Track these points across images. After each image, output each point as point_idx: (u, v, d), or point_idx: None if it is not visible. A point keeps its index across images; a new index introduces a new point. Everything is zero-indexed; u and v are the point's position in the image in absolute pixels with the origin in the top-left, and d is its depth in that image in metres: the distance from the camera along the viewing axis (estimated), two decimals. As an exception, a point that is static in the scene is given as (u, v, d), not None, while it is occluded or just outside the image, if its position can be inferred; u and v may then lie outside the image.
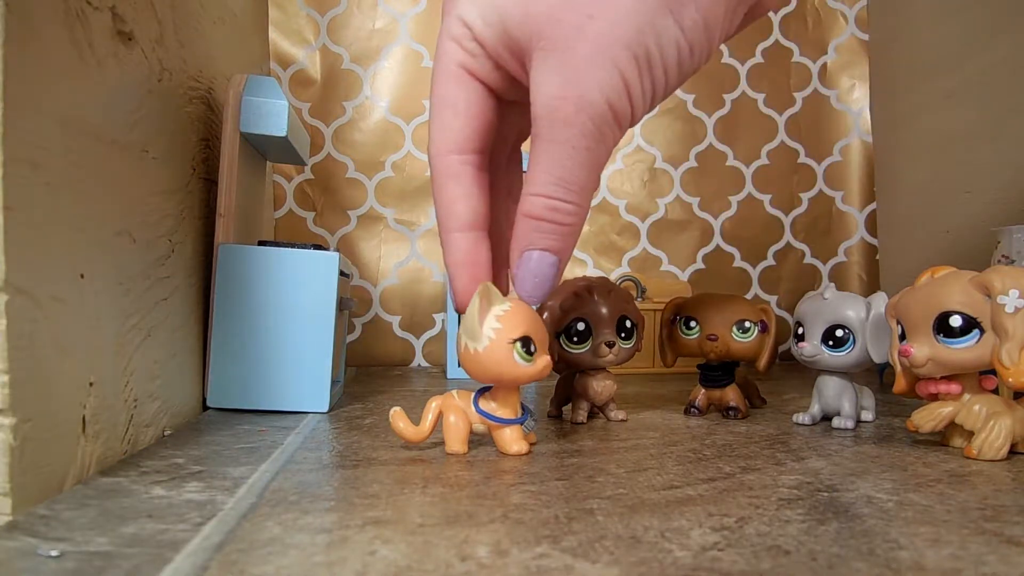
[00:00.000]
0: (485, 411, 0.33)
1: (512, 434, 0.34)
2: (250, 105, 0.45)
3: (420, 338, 0.79)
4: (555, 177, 0.27)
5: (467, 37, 0.28)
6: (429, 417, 0.33)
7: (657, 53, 0.26)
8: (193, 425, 0.40)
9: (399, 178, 0.79)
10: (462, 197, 0.30)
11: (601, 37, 0.25)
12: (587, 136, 0.26)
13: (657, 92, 0.27)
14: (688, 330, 0.45)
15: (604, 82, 0.26)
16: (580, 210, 0.29)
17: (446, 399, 0.34)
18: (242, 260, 0.44)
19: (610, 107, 0.26)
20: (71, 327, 0.27)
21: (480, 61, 0.28)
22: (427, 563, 0.20)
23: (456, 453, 0.33)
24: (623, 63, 0.25)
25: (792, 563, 0.20)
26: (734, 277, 0.84)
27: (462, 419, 0.33)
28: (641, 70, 0.26)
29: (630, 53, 0.25)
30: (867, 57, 0.86)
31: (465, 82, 0.29)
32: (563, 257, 0.30)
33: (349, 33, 0.78)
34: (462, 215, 0.30)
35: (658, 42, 0.25)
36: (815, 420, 0.43)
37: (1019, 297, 0.31)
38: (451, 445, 0.33)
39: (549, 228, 0.28)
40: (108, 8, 0.31)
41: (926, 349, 0.34)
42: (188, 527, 0.23)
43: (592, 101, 0.26)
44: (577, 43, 0.25)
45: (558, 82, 0.26)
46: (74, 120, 0.28)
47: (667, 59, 0.26)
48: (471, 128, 0.29)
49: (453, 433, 0.33)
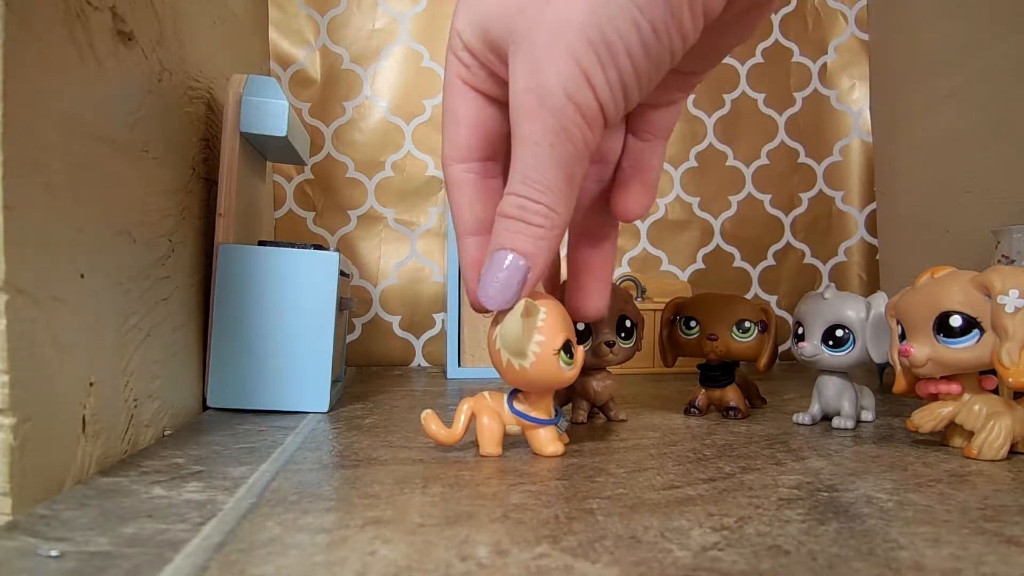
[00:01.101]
0: (521, 412, 0.33)
1: (548, 434, 0.33)
2: (250, 105, 0.45)
3: (420, 338, 0.79)
4: (522, 175, 0.27)
5: (461, 47, 0.28)
6: (462, 419, 0.33)
7: (616, 37, 0.23)
8: (193, 425, 0.40)
9: (399, 178, 0.79)
10: (466, 204, 0.30)
11: (556, 24, 0.24)
12: (549, 132, 0.25)
13: (627, 82, 0.25)
14: (688, 330, 0.45)
15: (562, 73, 0.24)
16: (551, 212, 0.27)
17: (478, 400, 0.34)
18: (242, 260, 0.44)
19: (570, 100, 0.24)
20: (71, 327, 0.27)
21: (474, 71, 0.28)
22: (427, 563, 0.20)
23: (491, 456, 0.33)
24: (579, 51, 0.24)
25: (792, 563, 0.20)
26: (734, 277, 0.84)
27: (496, 420, 0.33)
28: (601, 58, 0.24)
29: (586, 39, 0.24)
30: (867, 57, 0.86)
31: (463, 93, 0.29)
32: (534, 263, 0.28)
33: (349, 33, 0.79)
34: (467, 221, 0.31)
35: (614, 24, 0.23)
36: (815, 420, 0.43)
37: (1019, 297, 0.31)
38: (486, 447, 0.33)
39: (517, 227, 0.28)
40: (108, 8, 0.31)
41: (926, 349, 0.34)
42: (188, 527, 0.23)
43: (551, 93, 0.24)
44: (537, 33, 0.24)
45: (523, 76, 0.25)
46: (74, 120, 0.28)
47: (629, 43, 0.24)
48: (473, 138, 0.29)
49: (488, 435, 0.33)
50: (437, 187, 0.79)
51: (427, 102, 0.79)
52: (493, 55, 0.27)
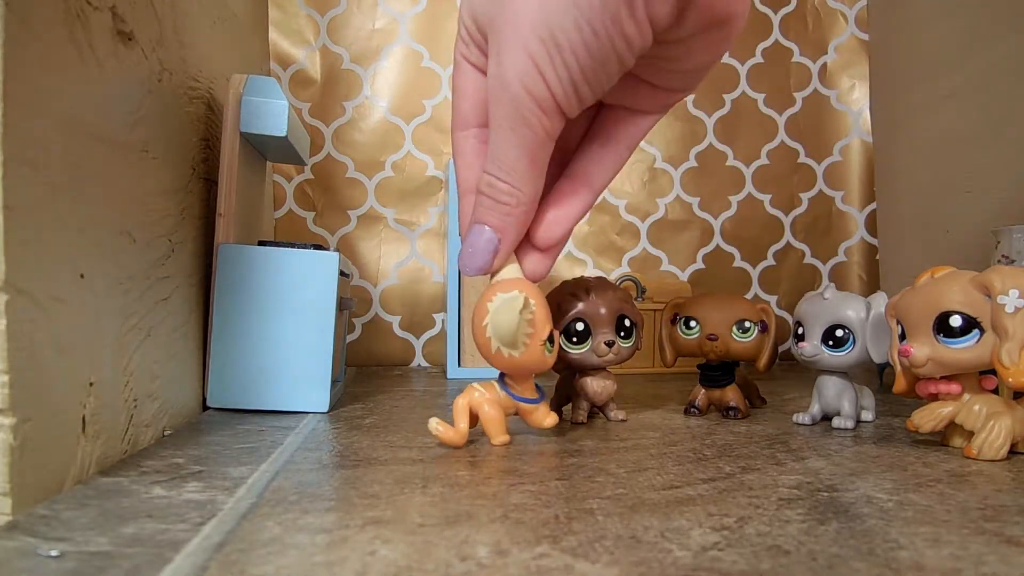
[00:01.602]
0: (518, 395, 0.35)
1: (544, 409, 0.36)
2: (250, 105, 0.45)
3: (420, 338, 0.79)
4: (492, 155, 0.30)
5: (463, 27, 0.31)
6: (465, 417, 0.34)
7: (562, 36, 0.26)
8: (193, 425, 0.40)
9: (399, 178, 0.79)
10: (465, 165, 0.33)
11: (515, 19, 0.26)
12: (510, 117, 0.28)
13: (576, 78, 0.27)
14: (688, 330, 0.45)
15: (518, 64, 0.26)
16: (516, 192, 0.30)
17: (470, 394, 0.35)
18: (242, 260, 0.44)
19: (525, 89, 0.27)
20: (71, 327, 0.27)
21: (471, 49, 0.31)
22: (427, 563, 0.20)
23: (503, 443, 0.35)
24: (532, 45, 0.26)
25: (792, 563, 0.20)
26: (734, 277, 0.84)
27: (496, 408, 0.35)
28: (551, 53, 0.26)
29: (537, 36, 0.26)
30: (867, 57, 0.86)
31: (464, 68, 0.32)
32: (503, 237, 0.31)
33: (349, 33, 0.78)
34: (466, 180, 0.33)
35: (560, 23, 0.25)
36: (815, 420, 0.43)
37: (1019, 297, 0.31)
38: (497, 436, 0.35)
39: (488, 204, 0.31)
40: (108, 8, 0.31)
41: (926, 349, 0.34)
42: (188, 527, 0.23)
43: (509, 82, 0.27)
44: (504, 25, 0.27)
45: (492, 63, 0.28)
46: (74, 120, 0.28)
47: (573, 42, 0.26)
48: (470, 106, 0.32)
49: (495, 424, 0.35)
50: (437, 187, 0.79)
51: (427, 102, 0.79)
52: (482, 37, 0.30)
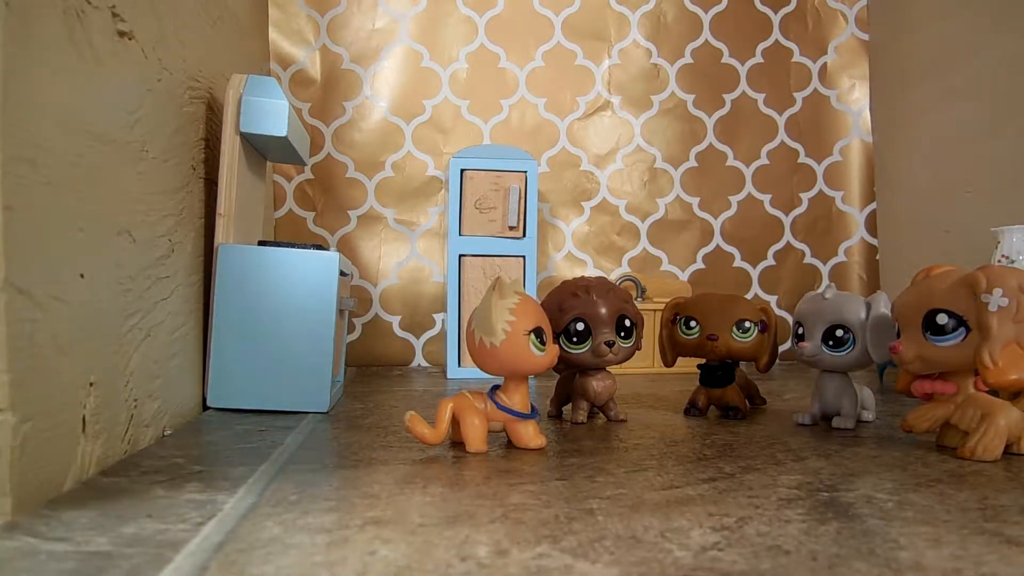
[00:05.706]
0: (505, 407, 0.34)
1: (532, 428, 0.35)
2: (250, 105, 0.45)
3: (420, 338, 0.79)
4: None
5: None
6: (445, 418, 0.34)
7: None
8: (193, 425, 0.40)
9: (399, 178, 0.79)
10: None
11: None
12: None
13: None
14: (688, 330, 0.45)
15: None
16: None
17: (459, 400, 0.35)
18: (242, 260, 0.44)
19: None
20: (71, 327, 0.27)
21: None
22: (427, 563, 0.20)
23: (479, 452, 0.34)
24: None
25: (792, 563, 0.20)
26: (734, 277, 0.84)
27: (479, 418, 0.34)
28: None
29: None
30: (867, 57, 0.86)
31: None
32: None
33: (349, 33, 0.78)
34: None
35: None
36: (815, 420, 0.43)
37: (1002, 296, 0.31)
38: (473, 444, 0.34)
39: None
40: (108, 8, 0.31)
41: (914, 346, 0.34)
42: (188, 527, 0.23)
43: None
44: None
45: None
46: (73, 119, 0.28)
47: None
48: None
49: (473, 433, 0.34)
50: (437, 187, 0.79)
51: (427, 102, 0.79)
52: None
